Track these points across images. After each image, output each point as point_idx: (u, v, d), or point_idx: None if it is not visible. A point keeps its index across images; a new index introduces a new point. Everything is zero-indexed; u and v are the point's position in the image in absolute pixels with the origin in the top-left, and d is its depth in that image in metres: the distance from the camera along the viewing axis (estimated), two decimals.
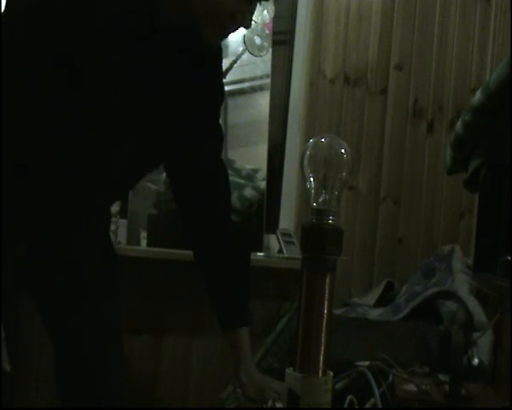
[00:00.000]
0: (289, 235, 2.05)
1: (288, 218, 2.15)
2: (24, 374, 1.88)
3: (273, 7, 2.11)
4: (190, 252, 1.25)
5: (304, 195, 2.07)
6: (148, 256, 1.86)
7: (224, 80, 1.27)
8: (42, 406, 1.86)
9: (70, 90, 0.97)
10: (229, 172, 1.33)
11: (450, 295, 1.44)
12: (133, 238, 1.94)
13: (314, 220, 0.62)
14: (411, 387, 0.98)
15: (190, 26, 1.02)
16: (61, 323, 1.16)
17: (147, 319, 1.98)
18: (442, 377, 1.03)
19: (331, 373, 0.62)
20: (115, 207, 1.84)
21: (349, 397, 0.94)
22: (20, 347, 1.86)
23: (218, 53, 1.19)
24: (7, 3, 0.97)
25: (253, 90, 2.13)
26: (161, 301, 1.98)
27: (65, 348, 1.17)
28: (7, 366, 0.97)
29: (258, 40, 2.11)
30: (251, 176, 2.06)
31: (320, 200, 0.62)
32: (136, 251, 1.87)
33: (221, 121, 1.27)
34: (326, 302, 0.61)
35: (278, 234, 2.04)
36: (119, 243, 1.91)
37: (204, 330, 2.00)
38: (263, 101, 2.14)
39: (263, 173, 2.07)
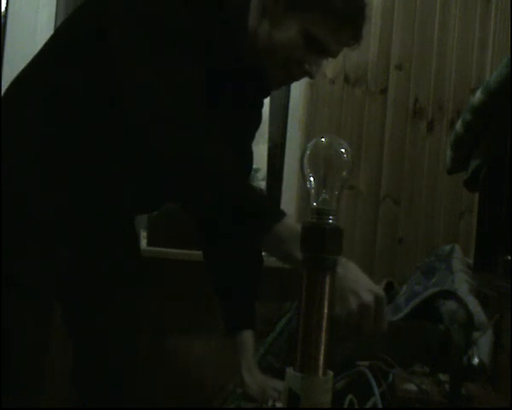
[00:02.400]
0: None
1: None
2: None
3: None
4: (190, 252, 1.25)
5: (304, 195, 2.07)
6: (148, 256, 1.86)
7: None
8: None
9: None
10: None
11: (450, 294, 1.44)
12: None
13: (314, 220, 0.62)
14: (411, 387, 0.98)
15: (258, 67, 1.04)
16: (89, 323, 1.16)
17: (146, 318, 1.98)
18: (442, 377, 1.03)
19: (331, 373, 0.62)
20: None
21: (349, 397, 0.94)
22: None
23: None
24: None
25: None
26: (161, 301, 1.98)
27: (88, 348, 1.17)
28: None
29: None
30: (251, 176, 2.06)
31: (320, 199, 0.62)
32: None
33: None
34: (326, 302, 0.60)
35: None
36: None
37: (204, 330, 2.00)
38: None
39: (263, 173, 2.07)
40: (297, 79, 1.09)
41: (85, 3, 1.02)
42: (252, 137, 1.26)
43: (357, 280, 0.90)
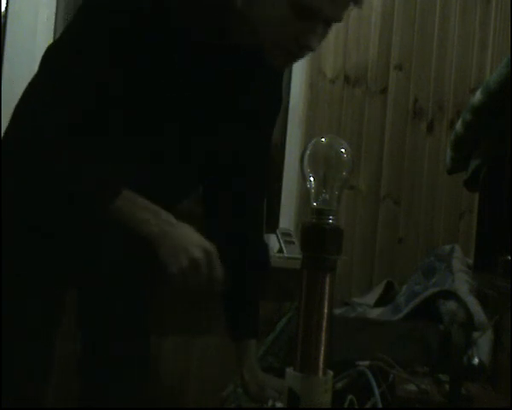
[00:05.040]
0: (289, 235, 2.05)
1: (287, 218, 2.15)
2: None
3: None
4: None
5: (304, 195, 2.07)
6: None
7: None
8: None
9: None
10: None
11: (451, 294, 1.44)
12: None
13: (314, 220, 0.62)
14: (411, 387, 0.98)
15: (259, 51, 0.99)
16: (98, 318, 1.17)
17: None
18: (442, 377, 1.03)
19: (331, 373, 0.62)
20: None
21: (349, 397, 0.94)
22: None
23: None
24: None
25: None
26: (161, 301, 1.98)
27: (96, 341, 1.18)
28: None
29: None
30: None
31: (320, 199, 0.62)
32: None
33: None
34: (326, 302, 0.61)
35: (278, 234, 2.04)
36: None
37: (204, 330, 1.99)
38: None
39: None
40: (298, 54, 1.00)
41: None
42: (265, 125, 1.19)
43: (185, 235, 0.91)
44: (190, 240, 0.91)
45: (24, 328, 0.99)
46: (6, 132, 1.02)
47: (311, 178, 0.63)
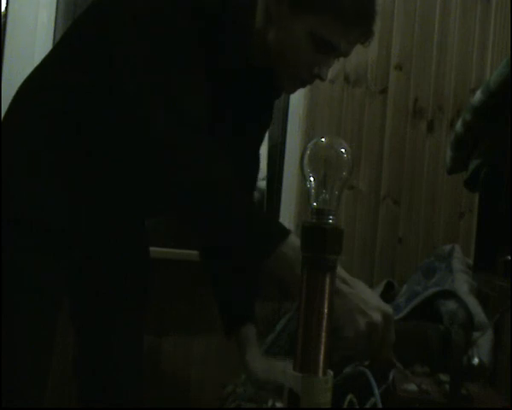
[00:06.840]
0: None
1: (287, 218, 2.15)
2: None
3: None
4: (190, 252, 1.24)
5: (304, 195, 2.07)
6: None
7: None
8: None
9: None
10: None
11: (451, 294, 1.44)
12: None
13: (314, 220, 0.62)
14: (411, 387, 0.98)
15: (267, 69, 1.03)
16: (94, 323, 1.17)
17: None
18: (442, 377, 1.03)
19: (331, 373, 0.62)
20: None
21: (349, 397, 0.94)
22: None
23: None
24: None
25: None
26: (161, 301, 1.98)
27: (92, 348, 1.17)
28: None
29: None
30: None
31: (320, 199, 0.62)
32: None
33: None
34: (326, 302, 0.61)
35: None
36: None
37: (204, 330, 2.00)
38: None
39: (263, 173, 2.07)
40: (309, 82, 1.06)
41: (89, 9, 1.01)
42: (262, 137, 1.25)
43: (366, 299, 0.87)
44: (371, 303, 0.87)
45: (22, 328, 0.98)
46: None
47: (311, 178, 0.63)
